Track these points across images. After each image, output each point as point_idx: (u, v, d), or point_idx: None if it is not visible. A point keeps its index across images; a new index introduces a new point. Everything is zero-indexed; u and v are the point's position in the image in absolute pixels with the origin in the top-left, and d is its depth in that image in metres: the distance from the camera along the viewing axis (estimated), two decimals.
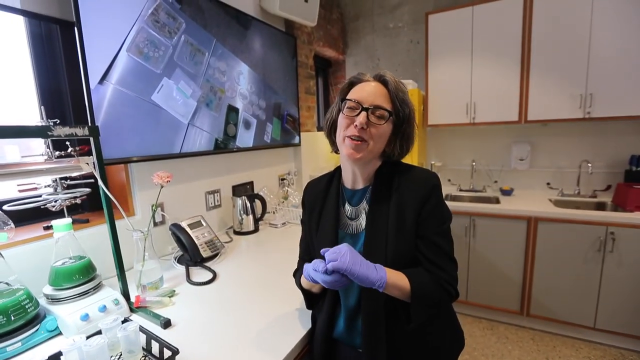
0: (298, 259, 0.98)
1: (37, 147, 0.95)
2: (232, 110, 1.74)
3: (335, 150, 0.86)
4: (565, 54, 2.17)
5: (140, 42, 1.26)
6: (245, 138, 1.85)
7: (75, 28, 1.07)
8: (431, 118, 2.66)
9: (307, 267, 0.72)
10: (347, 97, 0.76)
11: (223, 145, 1.70)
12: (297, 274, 0.92)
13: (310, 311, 0.91)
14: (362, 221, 0.79)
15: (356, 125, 0.72)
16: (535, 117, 2.32)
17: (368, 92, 0.74)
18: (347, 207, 0.83)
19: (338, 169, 0.88)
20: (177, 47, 1.40)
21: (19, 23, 1.13)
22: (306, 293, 0.87)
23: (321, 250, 0.69)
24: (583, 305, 2.06)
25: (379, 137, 0.74)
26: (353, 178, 0.82)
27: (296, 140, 2.35)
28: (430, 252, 0.73)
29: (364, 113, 0.72)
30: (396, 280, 0.68)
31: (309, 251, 0.92)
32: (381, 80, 0.76)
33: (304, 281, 0.83)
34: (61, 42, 1.21)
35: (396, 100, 0.74)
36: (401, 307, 0.72)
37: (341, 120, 0.77)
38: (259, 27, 1.91)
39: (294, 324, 0.90)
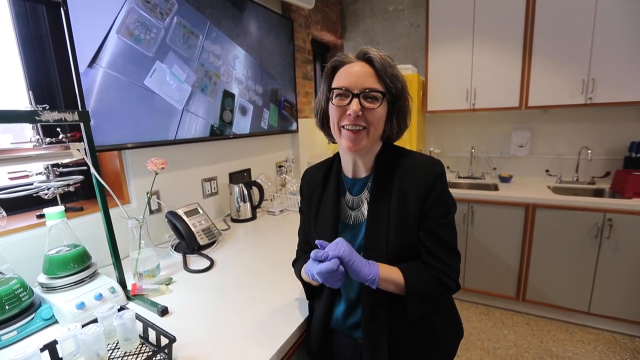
0: (297, 248, 0.97)
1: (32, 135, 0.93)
2: (228, 96, 1.70)
3: (332, 141, 0.82)
4: (569, 38, 2.12)
5: (131, 23, 1.21)
6: (242, 124, 1.82)
7: (62, 8, 1.02)
8: (430, 104, 2.62)
9: (307, 266, 0.71)
10: (334, 85, 0.72)
11: (219, 132, 1.66)
12: (297, 264, 0.91)
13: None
14: (364, 211, 0.77)
15: (350, 115, 0.68)
16: (536, 103, 2.29)
17: (355, 75, 0.69)
18: (348, 196, 0.80)
19: (337, 156, 0.84)
20: (169, 29, 1.35)
21: (3, 3, 1.08)
22: (306, 285, 0.86)
23: (316, 241, 0.68)
24: (578, 291, 2.08)
25: (377, 121, 0.70)
26: (354, 167, 0.79)
27: (293, 127, 2.31)
28: (432, 244, 0.71)
29: (355, 100, 0.68)
30: (390, 276, 0.67)
31: (307, 241, 0.90)
32: (365, 58, 0.70)
33: (304, 274, 0.82)
34: (48, 24, 1.16)
35: (386, 77, 0.69)
36: (399, 301, 0.71)
37: (333, 110, 0.72)
38: (255, 9, 1.85)
39: (292, 312, 0.90)
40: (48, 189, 0.97)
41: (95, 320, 0.74)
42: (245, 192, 1.70)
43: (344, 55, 0.73)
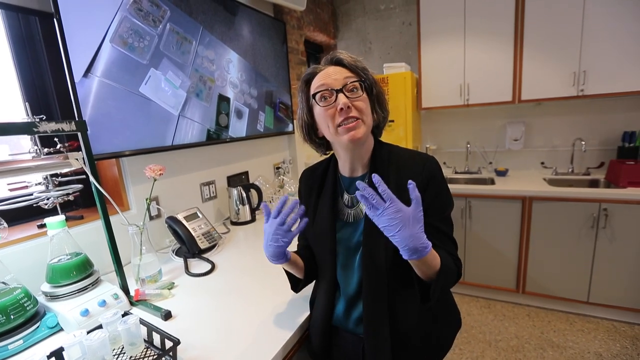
0: (297, 249, 0.97)
1: (29, 146, 0.93)
2: (223, 100, 1.71)
3: (323, 152, 0.86)
4: (559, 31, 2.14)
5: (124, 32, 1.22)
6: (238, 128, 1.83)
7: (55, 19, 1.03)
8: (425, 101, 2.64)
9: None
10: (314, 91, 0.74)
11: (216, 136, 1.68)
12: None
13: (308, 298, 0.92)
14: (362, 207, 0.78)
15: (341, 109, 0.70)
16: (529, 97, 2.31)
17: (331, 75, 0.73)
18: (346, 195, 0.82)
19: (334, 156, 0.86)
20: (162, 36, 1.36)
21: None
22: (290, 275, 0.87)
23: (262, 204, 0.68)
24: (577, 281, 2.11)
25: (365, 108, 0.74)
26: (351, 166, 0.80)
27: (290, 128, 2.32)
28: (435, 238, 0.71)
29: (341, 95, 0.71)
30: (434, 255, 0.65)
31: (306, 242, 0.92)
32: (335, 61, 0.76)
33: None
34: (41, 35, 1.17)
35: (357, 69, 0.74)
36: (401, 292, 0.72)
37: (322, 115, 0.74)
38: (247, 12, 1.86)
39: (293, 311, 0.91)
40: (48, 199, 0.97)
41: (100, 327, 0.75)
42: (244, 194, 1.71)
43: (313, 67, 0.78)
